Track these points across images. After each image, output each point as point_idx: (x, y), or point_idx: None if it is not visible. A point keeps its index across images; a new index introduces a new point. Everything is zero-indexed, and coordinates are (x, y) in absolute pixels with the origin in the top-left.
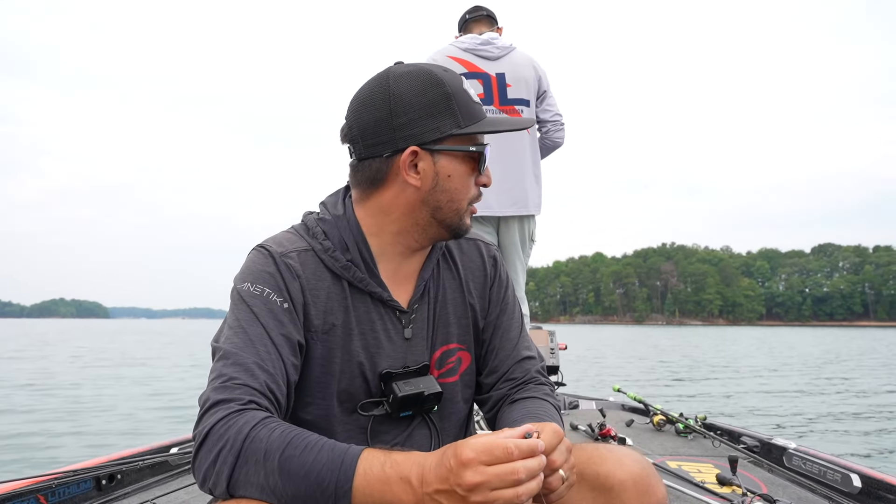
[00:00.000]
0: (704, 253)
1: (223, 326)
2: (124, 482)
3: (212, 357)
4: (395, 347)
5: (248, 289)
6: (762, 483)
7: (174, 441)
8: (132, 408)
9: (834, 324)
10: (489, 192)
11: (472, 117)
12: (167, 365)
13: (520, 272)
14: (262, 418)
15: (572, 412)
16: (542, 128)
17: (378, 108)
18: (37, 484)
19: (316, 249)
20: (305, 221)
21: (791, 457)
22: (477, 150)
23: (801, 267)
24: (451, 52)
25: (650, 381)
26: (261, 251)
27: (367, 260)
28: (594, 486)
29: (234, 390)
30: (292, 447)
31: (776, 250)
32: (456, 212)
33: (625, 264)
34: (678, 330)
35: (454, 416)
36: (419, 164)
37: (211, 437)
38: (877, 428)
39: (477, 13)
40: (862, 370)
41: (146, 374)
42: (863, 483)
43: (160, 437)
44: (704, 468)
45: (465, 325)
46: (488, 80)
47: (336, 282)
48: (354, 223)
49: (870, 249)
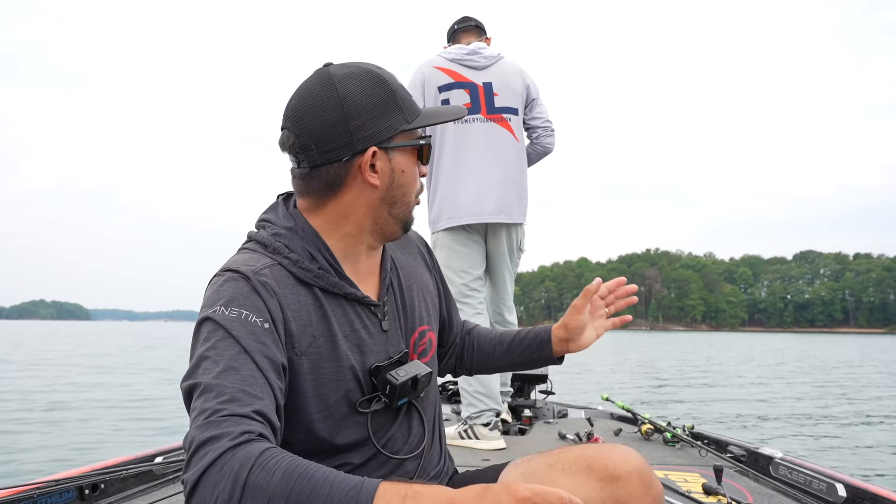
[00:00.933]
0: (688, 259)
1: (194, 360)
2: (108, 492)
3: (185, 398)
4: (376, 342)
5: (223, 312)
6: (748, 492)
7: (159, 450)
8: (107, 416)
9: (815, 330)
10: (476, 200)
11: (415, 112)
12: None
13: (508, 281)
14: (258, 454)
15: (561, 421)
16: (532, 133)
17: (329, 112)
18: (17, 494)
19: (283, 264)
20: (259, 239)
21: (777, 466)
22: (426, 142)
23: (783, 274)
24: (438, 62)
25: (641, 390)
26: (230, 274)
27: (333, 265)
28: (602, 477)
29: (221, 424)
30: (297, 492)
31: (759, 257)
32: (408, 205)
33: (609, 270)
34: (663, 336)
35: (431, 394)
36: (377, 163)
37: (204, 484)
38: (863, 436)
39: (465, 23)
40: (853, 377)
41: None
42: (848, 493)
43: (144, 447)
44: (691, 477)
45: (426, 307)
46: (475, 90)
47: (308, 292)
48: (312, 231)
49: (850, 257)
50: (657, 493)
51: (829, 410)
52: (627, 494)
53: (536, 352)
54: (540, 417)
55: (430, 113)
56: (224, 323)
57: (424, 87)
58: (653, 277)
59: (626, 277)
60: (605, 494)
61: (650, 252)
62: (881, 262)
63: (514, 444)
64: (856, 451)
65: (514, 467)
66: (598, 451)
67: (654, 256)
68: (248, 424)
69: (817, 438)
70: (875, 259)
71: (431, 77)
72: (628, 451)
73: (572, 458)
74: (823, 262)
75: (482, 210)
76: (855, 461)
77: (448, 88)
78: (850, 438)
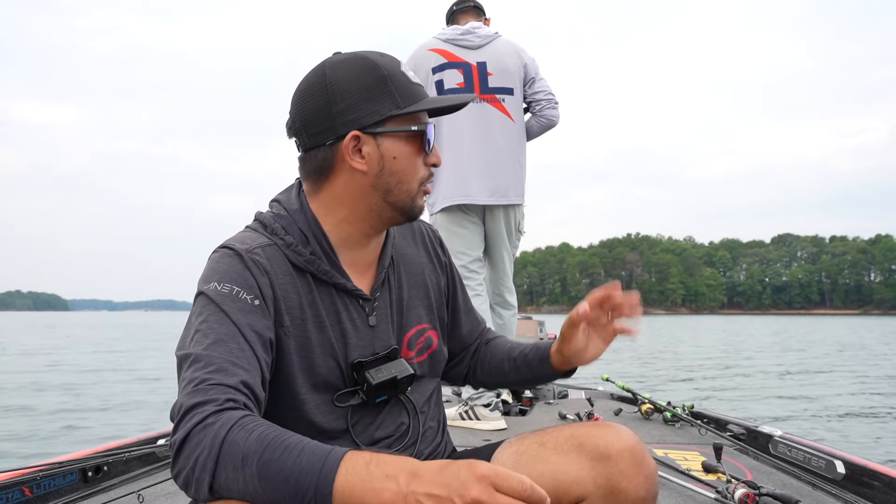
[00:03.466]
0: (668, 243)
1: (187, 332)
2: (111, 474)
3: (178, 367)
4: (361, 336)
5: (216, 288)
6: (747, 470)
7: (161, 433)
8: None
9: (792, 312)
10: (469, 181)
11: (412, 97)
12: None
13: (507, 262)
14: (239, 418)
15: (561, 401)
16: (535, 106)
17: (317, 98)
18: (21, 476)
19: (279, 245)
20: (261, 219)
21: (776, 444)
22: (419, 129)
23: (761, 257)
24: (432, 44)
25: (640, 371)
26: (225, 251)
27: (327, 251)
28: (593, 455)
29: (207, 392)
30: (270, 450)
31: (737, 240)
32: (407, 193)
33: (591, 255)
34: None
35: (428, 392)
36: (363, 148)
37: (188, 443)
38: (861, 414)
39: (463, 4)
40: (843, 358)
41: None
42: (847, 469)
43: (146, 429)
44: (691, 456)
45: (428, 305)
46: (469, 70)
47: (301, 276)
48: (311, 216)
49: (826, 240)
50: (650, 471)
51: (837, 391)
52: (618, 473)
53: (539, 368)
54: (540, 398)
55: (433, 98)
56: (216, 298)
57: (417, 71)
58: (634, 262)
59: (608, 262)
60: (597, 473)
61: (631, 236)
62: (856, 245)
63: (514, 425)
64: (856, 427)
65: (507, 445)
66: (589, 429)
67: (634, 241)
68: (233, 394)
69: (824, 419)
70: (850, 241)
71: (425, 59)
72: (620, 429)
73: (564, 437)
74: (800, 245)
75: (477, 191)
76: (854, 437)
77: (441, 69)
78: (849, 416)
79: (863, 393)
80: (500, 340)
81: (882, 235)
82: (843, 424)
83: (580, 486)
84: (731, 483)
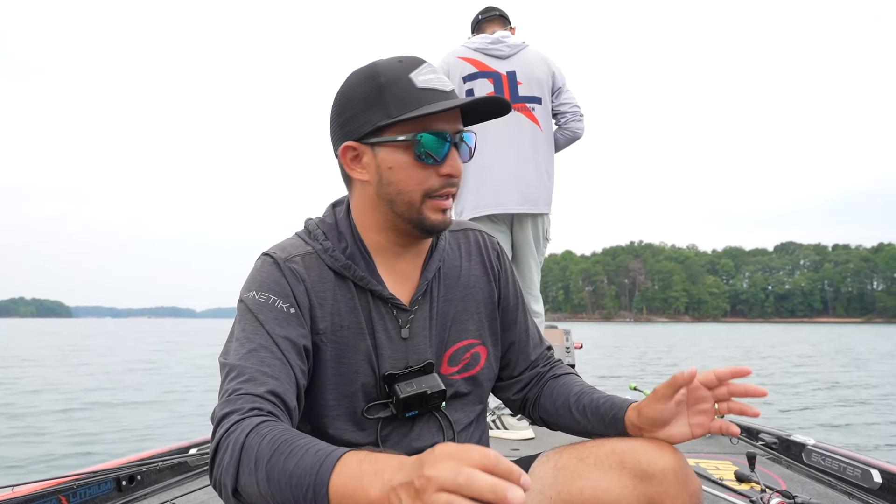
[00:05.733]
0: (671, 251)
1: (229, 341)
2: (144, 483)
3: (220, 374)
4: (395, 348)
5: (254, 297)
6: (781, 479)
7: (193, 442)
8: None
9: (795, 320)
10: (501, 190)
11: (407, 106)
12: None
13: (534, 271)
14: (257, 424)
15: None
16: (560, 119)
17: (333, 108)
18: (59, 485)
19: (318, 251)
20: (307, 225)
21: (810, 453)
22: (406, 140)
23: (764, 265)
24: (461, 52)
25: (658, 376)
26: (265, 259)
27: (364, 257)
28: (635, 474)
29: (236, 402)
30: (278, 454)
31: (740, 248)
32: (409, 204)
33: (594, 262)
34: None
35: (470, 410)
36: (363, 158)
37: (219, 451)
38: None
39: (490, 13)
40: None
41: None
42: (883, 478)
43: (178, 439)
44: (723, 465)
45: (479, 319)
46: (499, 79)
47: (341, 282)
48: (351, 222)
49: (829, 248)
50: (694, 489)
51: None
52: (662, 493)
53: (610, 428)
54: None
55: (436, 105)
56: (252, 307)
57: (450, 78)
58: (637, 270)
59: (611, 269)
60: (639, 492)
61: (634, 244)
62: (859, 253)
63: (542, 434)
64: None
65: (544, 460)
66: (631, 445)
67: (637, 249)
68: (259, 402)
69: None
70: (853, 250)
71: (455, 67)
72: (663, 446)
73: (604, 453)
74: (803, 254)
75: (507, 200)
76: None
77: (472, 78)
78: (881, 423)
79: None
80: (570, 379)
81: (885, 244)
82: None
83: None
84: (765, 493)
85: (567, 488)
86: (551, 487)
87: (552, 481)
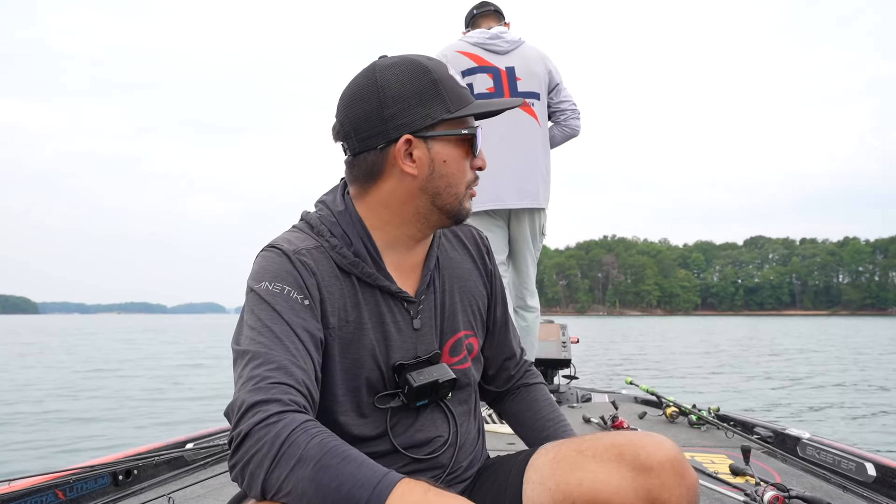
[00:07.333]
0: (644, 245)
1: (241, 328)
2: (141, 477)
3: (234, 361)
4: (405, 339)
5: (268, 287)
6: (776, 473)
7: (190, 436)
8: None
9: (764, 313)
10: (500, 186)
11: (461, 101)
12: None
13: (531, 266)
14: (303, 422)
15: (585, 405)
16: (559, 116)
17: (368, 102)
18: (55, 479)
19: (325, 246)
20: (308, 220)
21: (805, 447)
22: (469, 133)
23: (734, 259)
24: (460, 46)
25: (661, 374)
26: (274, 251)
27: (372, 254)
28: (634, 466)
29: (269, 390)
30: (329, 457)
31: (711, 242)
32: (455, 196)
33: (568, 256)
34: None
35: (467, 401)
36: (414, 152)
37: (249, 438)
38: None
39: (484, 8)
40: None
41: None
42: (877, 472)
43: (176, 433)
44: (718, 459)
45: (471, 311)
46: (498, 74)
47: (346, 278)
48: (357, 218)
49: (797, 242)
50: (691, 483)
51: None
52: (660, 485)
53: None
54: (564, 402)
55: (482, 103)
56: (268, 298)
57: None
58: (610, 263)
59: (585, 263)
60: (637, 485)
61: (607, 239)
62: (825, 247)
63: None
64: (884, 429)
65: (543, 452)
66: (629, 438)
67: (610, 243)
68: (294, 394)
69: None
70: (820, 244)
71: (454, 61)
72: (661, 439)
73: (603, 446)
74: (772, 248)
75: (505, 196)
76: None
77: (471, 73)
78: (874, 416)
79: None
80: (539, 395)
81: (850, 238)
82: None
83: (620, 497)
84: (759, 486)
85: (566, 479)
86: (550, 479)
87: (551, 472)
